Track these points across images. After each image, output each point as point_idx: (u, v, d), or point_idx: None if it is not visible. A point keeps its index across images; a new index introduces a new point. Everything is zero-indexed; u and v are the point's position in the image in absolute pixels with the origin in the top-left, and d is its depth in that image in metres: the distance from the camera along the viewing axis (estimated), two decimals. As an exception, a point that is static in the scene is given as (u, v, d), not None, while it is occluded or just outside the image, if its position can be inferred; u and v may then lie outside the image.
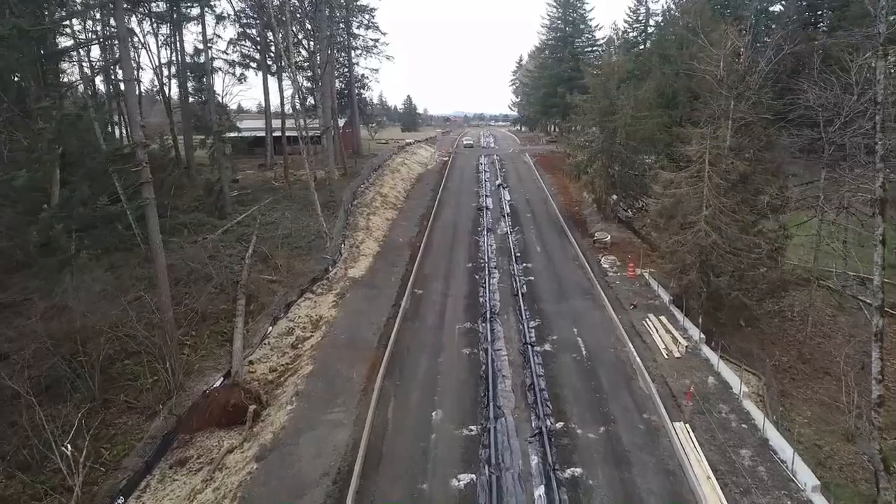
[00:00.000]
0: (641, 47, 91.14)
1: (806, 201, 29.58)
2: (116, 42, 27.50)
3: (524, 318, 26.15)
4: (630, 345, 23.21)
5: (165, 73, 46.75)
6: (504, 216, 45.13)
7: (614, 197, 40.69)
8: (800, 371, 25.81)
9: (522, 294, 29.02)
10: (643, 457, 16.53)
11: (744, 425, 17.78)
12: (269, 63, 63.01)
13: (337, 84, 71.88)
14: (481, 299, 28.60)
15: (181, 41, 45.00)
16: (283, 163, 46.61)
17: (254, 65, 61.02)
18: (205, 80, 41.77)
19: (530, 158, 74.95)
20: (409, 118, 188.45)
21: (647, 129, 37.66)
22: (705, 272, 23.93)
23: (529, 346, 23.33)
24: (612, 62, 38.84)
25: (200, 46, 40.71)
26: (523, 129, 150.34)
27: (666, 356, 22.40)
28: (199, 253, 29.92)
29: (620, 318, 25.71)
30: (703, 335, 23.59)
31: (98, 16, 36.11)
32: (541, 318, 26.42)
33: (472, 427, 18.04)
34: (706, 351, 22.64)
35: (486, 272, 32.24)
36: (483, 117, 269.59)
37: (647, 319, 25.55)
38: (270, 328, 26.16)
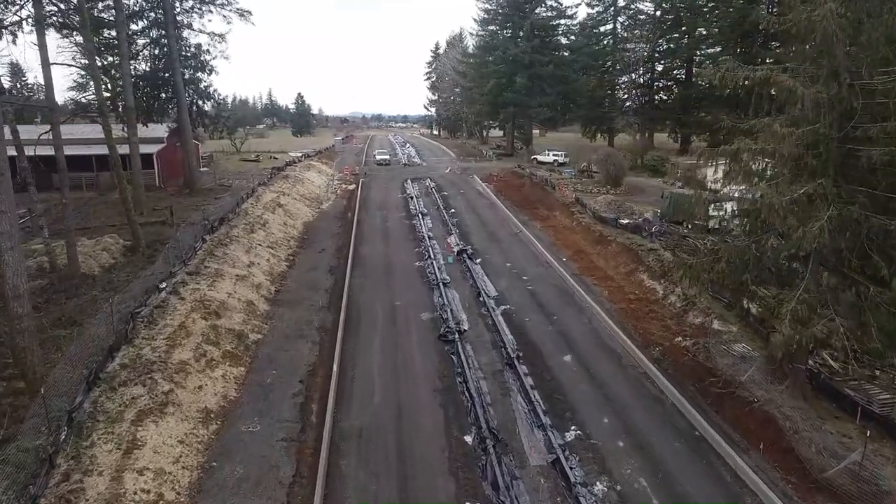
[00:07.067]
0: (609, 27, 68.93)
1: None
2: None
3: None
4: None
5: None
6: (525, 394, 17.23)
7: (823, 349, 15.08)
8: None
9: None
10: None
11: None
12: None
13: (143, 65, 41.44)
14: None
15: None
16: None
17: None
18: None
19: (483, 185, 48.85)
20: (302, 119, 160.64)
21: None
22: None
23: None
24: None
25: None
26: (442, 133, 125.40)
27: None
28: None
29: None
30: None
31: None
32: None
33: None
34: None
35: None
36: (381, 118, 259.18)
37: None
38: None
